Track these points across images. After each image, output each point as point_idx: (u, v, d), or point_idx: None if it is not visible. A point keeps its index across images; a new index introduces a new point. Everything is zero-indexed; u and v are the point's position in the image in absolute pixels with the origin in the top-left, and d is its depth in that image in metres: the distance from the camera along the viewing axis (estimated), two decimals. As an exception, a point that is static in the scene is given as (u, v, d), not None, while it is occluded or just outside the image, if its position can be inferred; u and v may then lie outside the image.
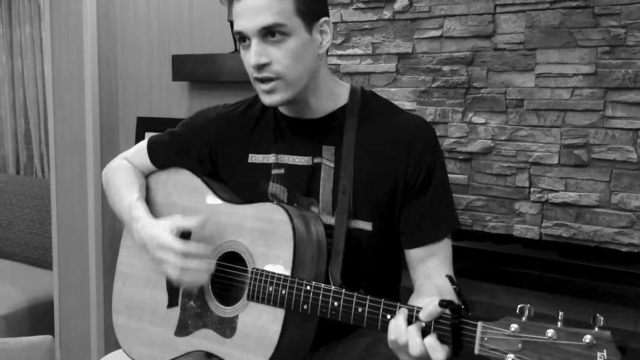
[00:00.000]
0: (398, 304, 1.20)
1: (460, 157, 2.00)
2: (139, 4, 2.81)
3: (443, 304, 1.12)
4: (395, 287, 1.58)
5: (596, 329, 1.00)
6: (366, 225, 1.43)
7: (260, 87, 1.38)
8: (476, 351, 1.09)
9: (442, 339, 1.13)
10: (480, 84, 1.94)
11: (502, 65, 1.90)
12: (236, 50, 2.45)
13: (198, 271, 1.38)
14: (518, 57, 1.88)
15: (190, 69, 2.58)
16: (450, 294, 1.38)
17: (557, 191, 1.85)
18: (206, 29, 2.62)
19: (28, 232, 3.68)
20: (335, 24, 2.19)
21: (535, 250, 1.95)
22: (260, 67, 1.34)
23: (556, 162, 1.84)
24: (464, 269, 1.94)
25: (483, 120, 1.95)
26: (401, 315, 1.17)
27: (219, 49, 2.54)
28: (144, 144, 1.67)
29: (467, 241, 2.04)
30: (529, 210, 1.89)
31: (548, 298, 1.88)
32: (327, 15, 1.42)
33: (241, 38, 1.37)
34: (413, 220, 1.44)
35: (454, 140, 2.00)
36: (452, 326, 1.11)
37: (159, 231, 1.40)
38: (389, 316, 1.20)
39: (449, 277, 1.20)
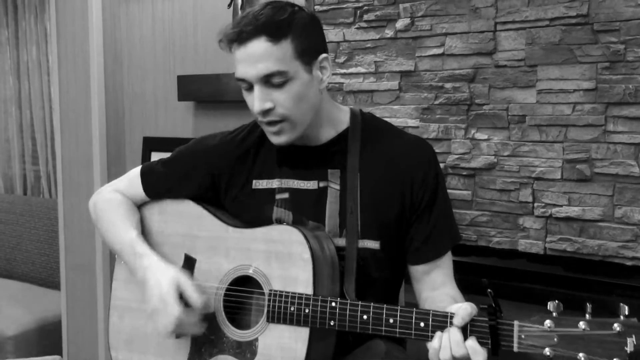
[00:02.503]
0: (430, 311, 1.24)
1: (464, 173, 2.01)
2: (144, 25, 2.85)
3: (482, 309, 1.18)
4: (396, 297, 1.62)
5: (621, 317, 1.08)
6: (374, 244, 1.45)
7: (268, 129, 1.41)
8: (515, 349, 1.15)
9: (480, 342, 1.18)
10: (482, 100, 1.96)
11: (504, 82, 1.92)
12: (240, 70, 2.48)
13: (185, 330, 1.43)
14: (519, 74, 1.90)
15: (196, 89, 2.60)
16: (462, 301, 1.43)
17: (561, 206, 1.86)
18: (210, 50, 2.65)
19: (36, 252, 3.69)
20: (338, 43, 2.22)
21: (540, 264, 1.96)
22: (265, 112, 1.37)
23: (559, 177, 1.86)
24: (470, 284, 1.94)
25: (486, 137, 1.97)
26: (455, 329, 1.20)
27: (223, 69, 2.57)
28: (135, 173, 1.63)
29: (473, 256, 2.05)
30: (533, 225, 1.90)
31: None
32: (326, 51, 1.44)
33: (242, 82, 1.39)
34: (420, 238, 1.47)
35: (457, 156, 2.01)
36: (490, 327, 1.16)
37: (165, 282, 1.42)
38: (422, 324, 1.24)
39: (484, 281, 1.25)
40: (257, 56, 1.33)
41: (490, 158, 1.96)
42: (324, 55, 1.42)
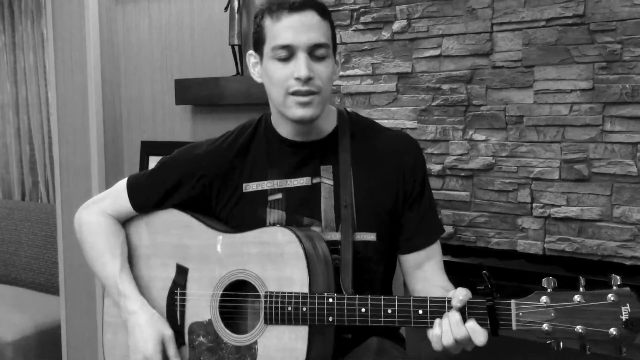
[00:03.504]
0: (428, 298, 1.26)
1: (462, 174, 2.01)
2: (141, 29, 2.85)
3: (478, 290, 1.20)
4: (390, 288, 1.64)
5: (614, 287, 1.11)
6: (370, 236, 1.48)
7: (297, 100, 1.42)
8: (514, 327, 1.18)
9: (479, 324, 1.20)
10: (480, 101, 1.96)
11: (501, 83, 1.93)
12: (238, 74, 2.48)
13: None
14: (516, 74, 1.90)
15: (193, 93, 2.60)
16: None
17: (559, 206, 1.86)
18: (208, 53, 2.65)
19: (34, 257, 3.69)
20: (335, 45, 2.22)
21: (539, 265, 1.96)
22: (307, 80, 1.40)
23: (557, 177, 1.86)
24: (470, 285, 1.94)
25: (483, 137, 1.97)
26: (454, 311, 1.22)
27: (221, 73, 2.57)
28: (121, 186, 1.61)
29: (472, 257, 2.05)
30: (532, 226, 1.90)
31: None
32: None
33: (282, 51, 1.40)
34: (412, 226, 1.52)
35: (455, 157, 2.01)
36: (487, 308, 1.19)
37: (151, 340, 1.45)
38: (420, 311, 1.26)
39: (481, 264, 1.27)
40: (310, 25, 1.39)
41: (489, 159, 1.96)
42: (339, 51, 1.53)
